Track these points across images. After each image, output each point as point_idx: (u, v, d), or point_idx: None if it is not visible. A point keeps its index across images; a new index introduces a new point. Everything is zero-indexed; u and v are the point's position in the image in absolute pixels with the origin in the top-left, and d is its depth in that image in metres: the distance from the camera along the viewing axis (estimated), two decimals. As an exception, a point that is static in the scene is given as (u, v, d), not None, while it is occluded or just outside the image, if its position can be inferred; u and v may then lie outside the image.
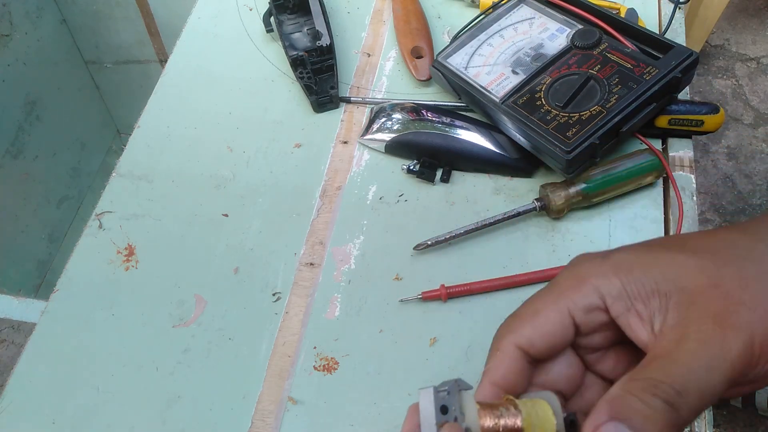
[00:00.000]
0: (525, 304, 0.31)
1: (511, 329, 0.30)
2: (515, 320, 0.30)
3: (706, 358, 0.25)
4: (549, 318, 0.29)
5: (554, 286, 0.30)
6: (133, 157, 0.59)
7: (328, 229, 0.53)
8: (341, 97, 0.60)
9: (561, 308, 0.29)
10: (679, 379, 0.25)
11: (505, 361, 0.29)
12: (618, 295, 0.28)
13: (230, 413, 0.45)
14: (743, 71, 1.68)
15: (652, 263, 0.28)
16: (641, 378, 0.25)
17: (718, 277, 0.26)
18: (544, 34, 0.57)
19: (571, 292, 0.29)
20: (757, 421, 1.17)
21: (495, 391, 0.29)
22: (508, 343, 0.29)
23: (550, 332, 0.29)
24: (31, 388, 0.47)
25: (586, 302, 0.29)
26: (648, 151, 0.51)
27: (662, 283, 0.27)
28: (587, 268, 0.29)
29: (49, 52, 1.26)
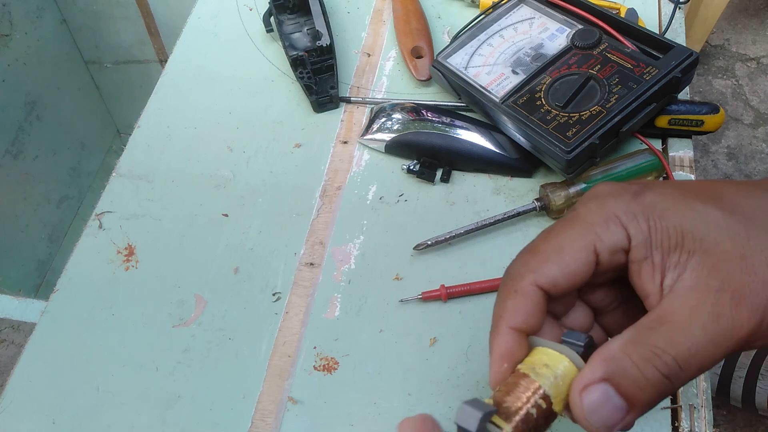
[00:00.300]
0: (544, 238, 0.28)
1: (531, 267, 0.27)
2: (536, 257, 0.27)
3: (716, 334, 0.24)
4: (575, 256, 0.27)
5: (579, 220, 0.28)
6: (133, 157, 0.59)
7: (328, 229, 0.53)
8: (341, 97, 0.60)
9: (588, 245, 0.27)
10: (684, 353, 0.24)
11: (525, 303, 0.27)
12: (643, 241, 0.26)
13: (230, 413, 0.45)
14: (743, 71, 1.68)
15: (685, 214, 0.26)
16: (645, 343, 0.25)
17: (747, 248, 0.25)
18: (544, 34, 0.57)
19: (599, 228, 0.27)
20: (757, 421, 1.17)
21: (515, 338, 0.27)
22: (529, 283, 0.27)
23: (574, 271, 0.27)
24: (31, 388, 0.47)
25: (613, 241, 0.27)
26: (648, 151, 0.51)
27: (688, 239, 0.26)
28: (616, 205, 0.27)
29: (49, 52, 1.26)
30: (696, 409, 0.43)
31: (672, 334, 0.24)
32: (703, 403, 0.43)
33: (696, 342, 0.24)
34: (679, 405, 0.43)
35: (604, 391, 0.24)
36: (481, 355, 0.46)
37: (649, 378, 0.24)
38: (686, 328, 0.24)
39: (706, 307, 0.24)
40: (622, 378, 0.24)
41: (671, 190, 0.28)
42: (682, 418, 0.43)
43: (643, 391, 0.24)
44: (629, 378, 0.24)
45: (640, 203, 0.27)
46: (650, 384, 0.24)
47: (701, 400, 0.43)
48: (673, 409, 0.43)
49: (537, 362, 0.26)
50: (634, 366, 0.24)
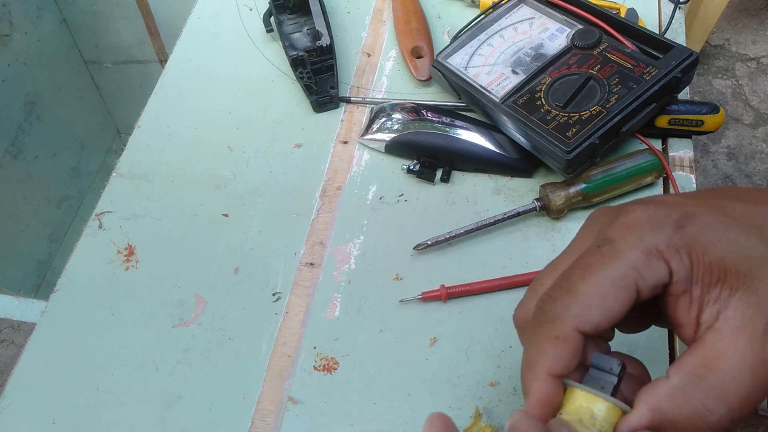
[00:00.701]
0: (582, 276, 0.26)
1: (573, 313, 0.26)
2: (577, 301, 0.26)
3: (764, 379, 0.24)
4: (619, 299, 0.25)
5: (618, 256, 0.26)
6: (133, 157, 0.59)
7: (328, 229, 0.53)
8: (341, 97, 0.60)
9: (629, 286, 0.25)
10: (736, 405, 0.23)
11: (568, 350, 0.26)
12: (685, 276, 0.25)
13: (230, 413, 0.45)
14: (743, 71, 1.68)
15: (729, 248, 0.25)
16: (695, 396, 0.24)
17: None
18: (544, 34, 0.57)
19: (641, 265, 0.25)
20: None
21: (555, 383, 0.26)
22: (571, 329, 0.26)
23: (618, 314, 0.26)
24: (31, 388, 0.47)
25: (655, 279, 0.25)
26: (648, 151, 0.51)
27: (732, 275, 0.25)
28: (659, 238, 0.26)
29: (49, 52, 1.26)
30: (696, 409, 0.43)
31: (723, 382, 0.24)
32: (703, 403, 0.43)
33: (747, 391, 0.24)
34: (679, 405, 0.43)
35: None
36: (481, 355, 0.46)
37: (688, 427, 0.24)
38: (736, 375, 0.24)
39: (754, 350, 0.24)
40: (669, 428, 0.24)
41: (714, 219, 0.26)
42: (682, 418, 0.43)
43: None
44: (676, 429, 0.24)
45: (683, 236, 0.26)
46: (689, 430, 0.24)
47: (701, 400, 0.43)
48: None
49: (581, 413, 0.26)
50: (684, 419, 0.24)
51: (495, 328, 0.47)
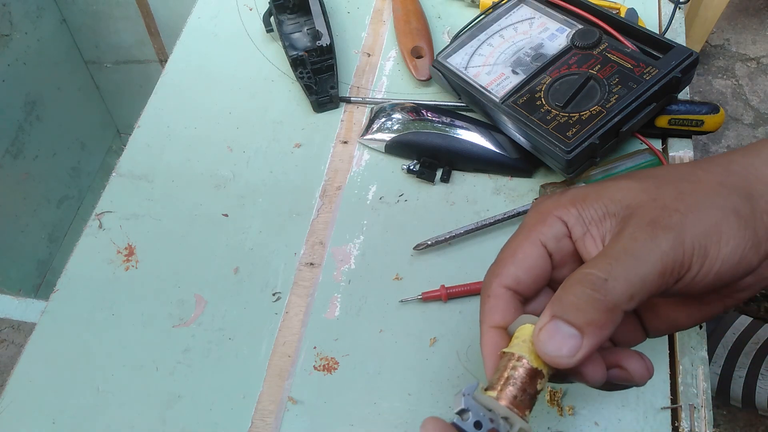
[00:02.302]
0: (502, 249, 0.32)
1: (495, 273, 0.31)
2: (497, 265, 0.32)
3: (634, 250, 0.27)
4: (527, 253, 0.31)
5: (523, 226, 0.32)
6: (133, 157, 0.59)
7: (328, 229, 0.53)
8: (341, 97, 0.60)
9: (534, 241, 0.31)
10: (605, 267, 0.27)
11: (498, 303, 0.31)
12: (576, 221, 0.31)
13: (230, 413, 0.45)
14: (743, 71, 1.68)
15: (602, 191, 0.31)
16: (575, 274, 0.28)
17: (657, 194, 0.29)
18: (544, 34, 0.57)
19: (539, 225, 0.31)
20: (757, 421, 1.17)
21: (497, 334, 0.31)
22: (497, 286, 0.31)
23: (531, 266, 0.31)
24: (31, 388, 0.47)
25: (553, 232, 0.31)
26: (648, 151, 0.51)
27: (611, 206, 0.30)
28: (548, 204, 0.32)
29: (49, 52, 1.26)
30: (696, 409, 0.43)
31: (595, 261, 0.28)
32: (703, 403, 0.43)
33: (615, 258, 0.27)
34: (679, 405, 0.43)
35: (553, 324, 0.27)
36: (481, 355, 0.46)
37: (581, 295, 0.27)
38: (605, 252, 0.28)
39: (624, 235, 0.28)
40: (564, 309, 0.27)
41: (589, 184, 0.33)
42: (682, 418, 0.43)
43: (583, 311, 0.27)
44: (568, 306, 0.27)
45: (566, 195, 0.31)
46: (585, 301, 0.27)
47: (701, 400, 0.43)
48: (673, 409, 0.43)
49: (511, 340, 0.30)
50: (569, 293, 0.28)
51: (495, 328, 0.47)
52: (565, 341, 0.27)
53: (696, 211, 0.28)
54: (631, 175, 0.32)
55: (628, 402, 0.44)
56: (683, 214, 0.28)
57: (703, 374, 0.44)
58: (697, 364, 0.45)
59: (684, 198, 0.28)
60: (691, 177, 0.30)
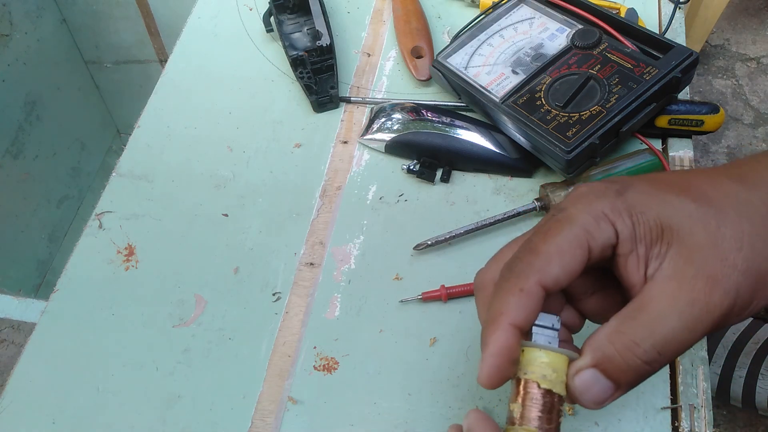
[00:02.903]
0: (543, 238, 0.29)
1: (536, 268, 0.28)
2: (539, 258, 0.29)
3: (691, 320, 0.26)
4: (575, 256, 0.28)
5: (571, 221, 0.29)
6: (133, 157, 0.59)
7: (328, 229, 0.53)
8: (341, 97, 0.60)
9: (583, 245, 0.28)
10: (661, 341, 0.27)
11: (530, 303, 0.28)
12: (629, 236, 0.28)
13: (230, 413, 0.45)
14: (743, 71, 1.68)
15: (663, 208, 0.28)
16: (626, 333, 0.27)
17: (718, 236, 0.27)
18: (544, 34, 0.57)
19: (591, 227, 0.29)
20: (757, 421, 1.17)
21: (515, 333, 0.28)
22: (534, 283, 0.28)
23: (574, 270, 0.29)
24: (31, 388, 0.47)
25: (604, 239, 0.29)
26: (648, 151, 0.51)
27: (667, 231, 0.28)
28: (603, 204, 0.29)
29: (49, 52, 1.26)
30: (696, 409, 0.43)
31: (651, 324, 0.27)
32: (703, 403, 0.43)
33: (673, 329, 0.26)
34: (679, 405, 0.43)
35: (593, 374, 0.27)
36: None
37: (630, 364, 0.27)
38: (664, 317, 0.27)
39: (682, 294, 0.27)
40: (608, 364, 0.27)
41: (649, 186, 0.30)
42: (682, 418, 0.43)
43: (626, 374, 0.27)
44: (614, 364, 0.27)
45: (624, 200, 0.29)
46: (632, 369, 0.27)
47: (701, 400, 0.43)
48: (673, 409, 0.43)
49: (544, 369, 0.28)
50: (618, 354, 0.27)
51: (495, 328, 0.47)
52: (602, 392, 0.27)
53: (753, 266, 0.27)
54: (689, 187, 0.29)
55: (628, 402, 0.44)
56: (741, 271, 0.27)
57: (703, 374, 0.44)
58: (697, 364, 0.45)
59: (743, 247, 0.27)
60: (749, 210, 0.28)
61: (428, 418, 0.44)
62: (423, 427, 0.44)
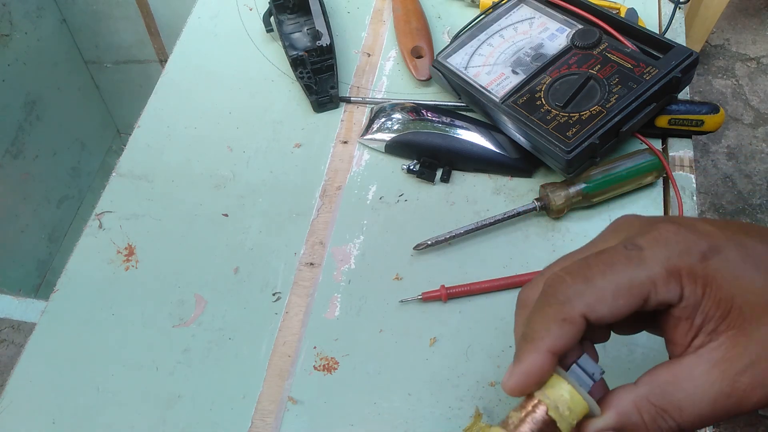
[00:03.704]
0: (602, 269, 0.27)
1: (586, 301, 0.27)
2: (591, 290, 0.27)
3: (724, 409, 0.26)
4: (628, 303, 0.27)
5: (642, 265, 0.27)
6: (133, 157, 0.59)
7: (328, 229, 0.53)
8: (341, 97, 0.60)
9: (643, 294, 0.27)
10: (688, 422, 0.26)
11: (572, 332, 0.27)
12: (693, 304, 0.27)
13: (230, 413, 0.45)
14: (743, 71, 1.68)
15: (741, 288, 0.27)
16: (656, 404, 0.27)
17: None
18: (544, 34, 0.57)
19: (659, 281, 0.27)
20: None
21: (550, 360, 0.27)
22: (579, 315, 0.27)
23: (624, 314, 0.27)
24: (31, 388, 0.47)
25: (668, 298, 0.27)
26: (648, 151, 0.51)
27: (734, 314, 0.26)
28: (683, 261, 0.27)
29: (49, 52, 1.27)
30: (696, 409, 0.43)
31: (682, 402, 0.26)
32: (703, 403, 0.43)
33: (702, 414, 0.26)
34: (679, 405, 0.43)
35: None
36: (481, 355, 0.46)
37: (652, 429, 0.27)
38: (697, 401, 0.26)
39: (724, 385, 0.26)
40: (632, 426, 0.27)
41: (737, 257, 0.27)
42: (682, 418, 0.43)
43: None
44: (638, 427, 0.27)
45: (705, 268, 0.27)
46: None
47: (701, 400, 0.43)
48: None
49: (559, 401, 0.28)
50: (643, 422, 0.27)
51: (495, 328, 0.47)
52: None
53: None
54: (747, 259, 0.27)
55: (628, 402, 0.43)
56: None
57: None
58: (697, 364, 0.45)
59: None
60: None
61: (428, 418, 0.44)
62: (423, 427, 0.44)
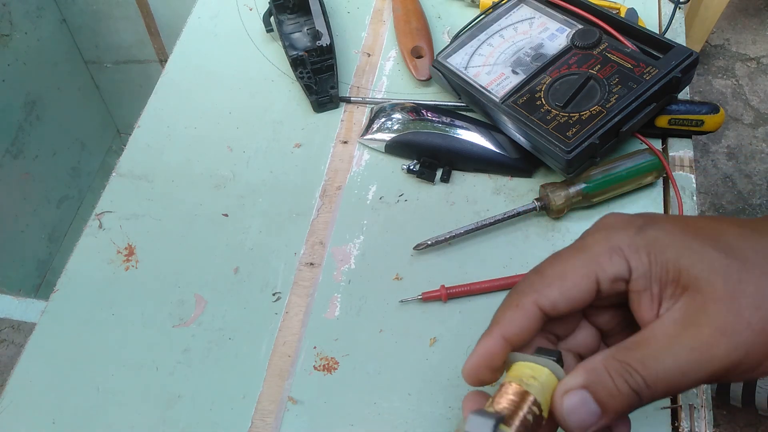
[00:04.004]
0: (551, 262, 0.30)
1: (535, 288, 0.29)
2: (540, 279, 0.30)
3: (686, 365, 0.26)
4: (576, 283, 0.29)
5: (584, 250, 0.29)
6: (133, 157, 0.59)
7: (328, 228, 0.53)
8: (341, 97, 0.60)
9: (590, 274, 0.29)
10: (652, 375, 0.27)
11: (523, 318, 0.29)
12: (643, 273, 0.28)
13: (230, 413, 0.45)
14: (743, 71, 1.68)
15: (684, 251, 0.28)
16: (622, 360, 0.27)
17: (738, 291, 0.27)
18: (544, 34, 0.57)
19: (602, 259, 0.29)
20: (757, 421, 1.17)
21: (501, 344, 0.29)
22: (531, 302, 0.29)
23: (575, 297, 0.29)
24: (31, 388, 0.47)
25: (615, 272, 0.29)
26: (648, 151, 0.51)
27: (684, 275, 0.28)
28: (621, 237, 0.29)
29: (49, 52, 1.26)
30: (696, 409, 0.43)
31: (645, 357, 0.27)
32: (703, 403, 0.43)
33: (665, 368, 0.27)
34: (679, 405, 0.43)
35: (582, 396, 0.27)
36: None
37: (620, 389, 0.27)
38: (659, 355, 0.27)
39: (685, 339, 0.27)
40: (599, 386, 0.27)
41: (673, 227, 0.29)
42: (682, 418, 0.43)
43: (615, 400, 0.27)
44: (604, 387, 0.27)
45: (644, 237, 0.29)
46: (621, 395, 0.27)
47: (701, 400, 0.43)
48: (673, 409, 0.43)
49: (524, 375, 0.28)
50: (610, 378, 0.27)
51: (495, 328, 0.47)
52: (588, 416, 0.27)
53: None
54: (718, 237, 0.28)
55: (628, 402, 0.43)
56: (756, 331, 0.26)
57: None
58: (697, 364, 0.45)
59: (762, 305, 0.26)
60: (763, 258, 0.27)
61: (428, 418, 0.44)
62: (423, 427, 0.44)
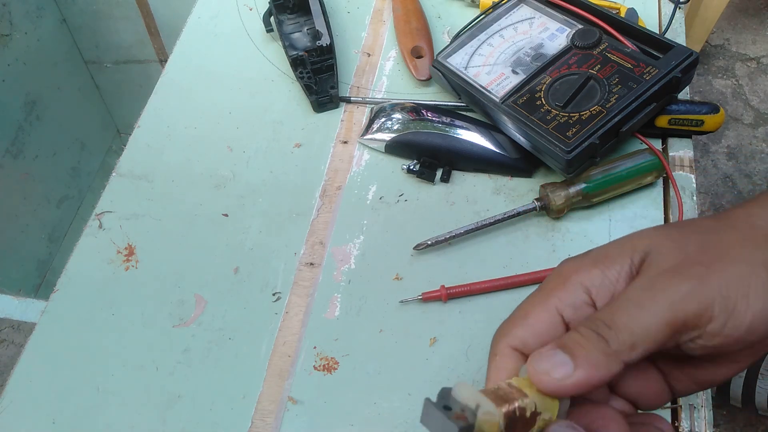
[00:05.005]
0: (517, 308, 0.32)
1: (504, 333, 0.31)
2: (508, 324, 0.31)
3: (640, 300, 0.27)
4: (538, 318, 0.30)
5: (542, 288, 0.31)
6: (133, 157, 0.59)
7: (328, 228, 0.53)
8: (341, 97, 0.60)
9: (549, 308, 0.30)
10: (608, 315, 0.28)
11: (504, 362, 0.30)
12: (600, 286, 0.30)
13: (230, 413, 0.45)
14: (743, 71, 1.68)
15: (625, 241, 0.30)
16: (592, 317, 0.29)
17: (681, 242, 0.29)
18: (544, 34, 0.57)
19: (557, 291, 0.30)
20: (757, 421, 1.17)
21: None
22: (504, 346, 0.31)
23: (540, 331, 0.30)
24: (31, 388, 0.47)
25: (572, 299, 0.30)
26: (648, 151, 0.51)
27: (635, 256, 0.29)
28: (569, 267, 0.31)
29: (49, 52, 1.26)
30: (696, 409, 0.43)
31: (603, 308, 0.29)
32: (703, 403, 0.43)
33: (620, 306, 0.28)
34: (679, 405, 0.43)
35: (551, 350, 0.28)
36: (481, 355, 0.46)
37: (584, 333, 0.28)
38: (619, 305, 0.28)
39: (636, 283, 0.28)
40: (564, 341, 0.28)
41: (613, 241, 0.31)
42: (682, 418, 0.43)
43: (581, 346, 0.27)
44: (569, 339, 0.28)
45: (588, 257, 0.31)
46: (588, 340, 0.27)
47: (701, 400, 0.43)
48: (673, 409, 0.43)
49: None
50: (573, 332, 0.28)
51: (495, 329, 0.47)
52: (557, 367, 0.27)
53: (721, 264, 0.27)
54: (655, 227, 0.31)
55: (628, 402, 0.43)
56: (706, 266, 0.27)
57: (703, 374, 0.44)
58: (697, 364, 0.45)
59: (708, 250, 0.28)
60: (715, 230, 0.29)
61: (428, 418, 0.44)
62: (423, 427, 0.44)
